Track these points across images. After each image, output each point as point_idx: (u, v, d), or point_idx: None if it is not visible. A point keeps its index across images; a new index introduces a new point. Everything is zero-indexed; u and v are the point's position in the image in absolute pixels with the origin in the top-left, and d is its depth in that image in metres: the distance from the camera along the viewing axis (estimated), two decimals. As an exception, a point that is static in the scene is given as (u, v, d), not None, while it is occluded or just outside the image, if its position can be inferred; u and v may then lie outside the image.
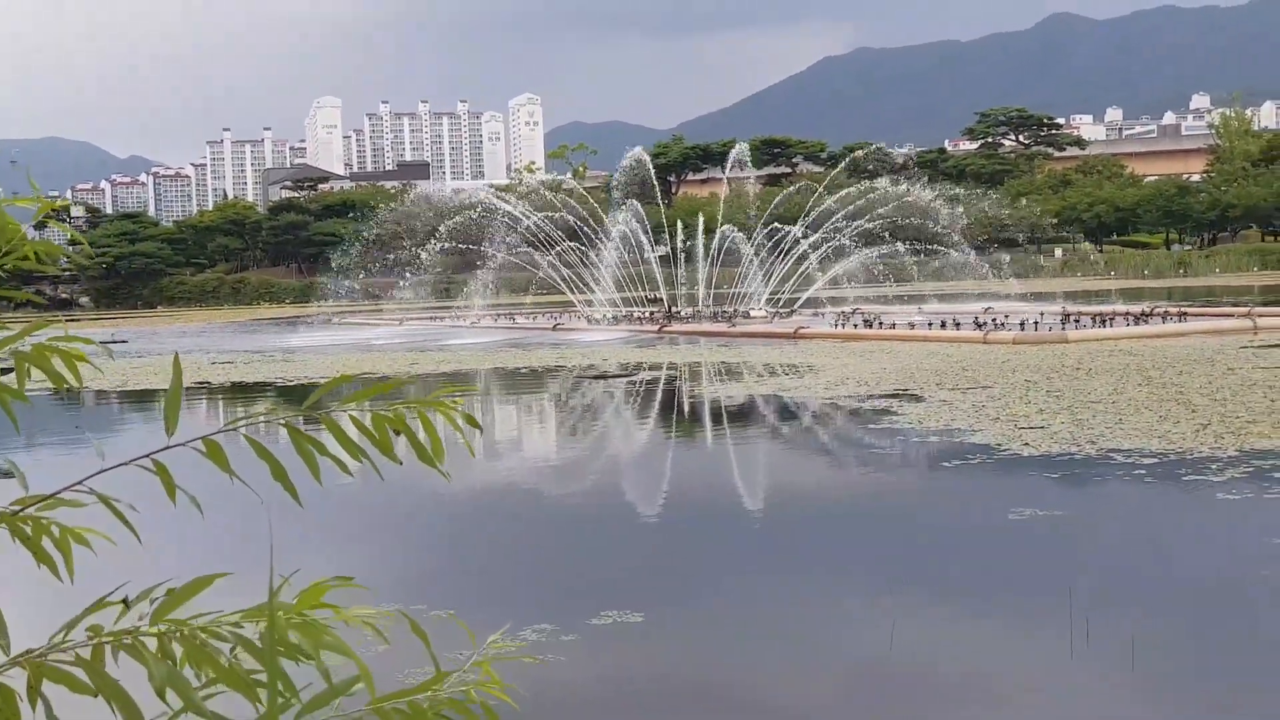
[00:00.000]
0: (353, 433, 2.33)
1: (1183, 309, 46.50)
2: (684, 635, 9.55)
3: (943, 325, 42.09)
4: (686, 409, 25.40)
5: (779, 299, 60.86)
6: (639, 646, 9.21)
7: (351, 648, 2.12)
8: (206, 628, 2.09)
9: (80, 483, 2.31)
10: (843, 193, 65.45)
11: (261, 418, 2.31)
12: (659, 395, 28.37)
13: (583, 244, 67.09)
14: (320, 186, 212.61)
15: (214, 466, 2.26)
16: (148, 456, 2.26)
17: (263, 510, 3.50)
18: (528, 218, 68.29)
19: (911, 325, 43.71)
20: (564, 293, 67.47)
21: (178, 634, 2.07)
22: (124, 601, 2.21)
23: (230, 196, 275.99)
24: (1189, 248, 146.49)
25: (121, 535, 2.43)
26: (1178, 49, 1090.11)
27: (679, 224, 68.97)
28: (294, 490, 2.32)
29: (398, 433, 2.31)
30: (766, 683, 8.51)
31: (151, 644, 2.05)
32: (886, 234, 63.99)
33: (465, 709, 2.23)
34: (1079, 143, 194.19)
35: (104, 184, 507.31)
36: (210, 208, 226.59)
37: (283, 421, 2.28)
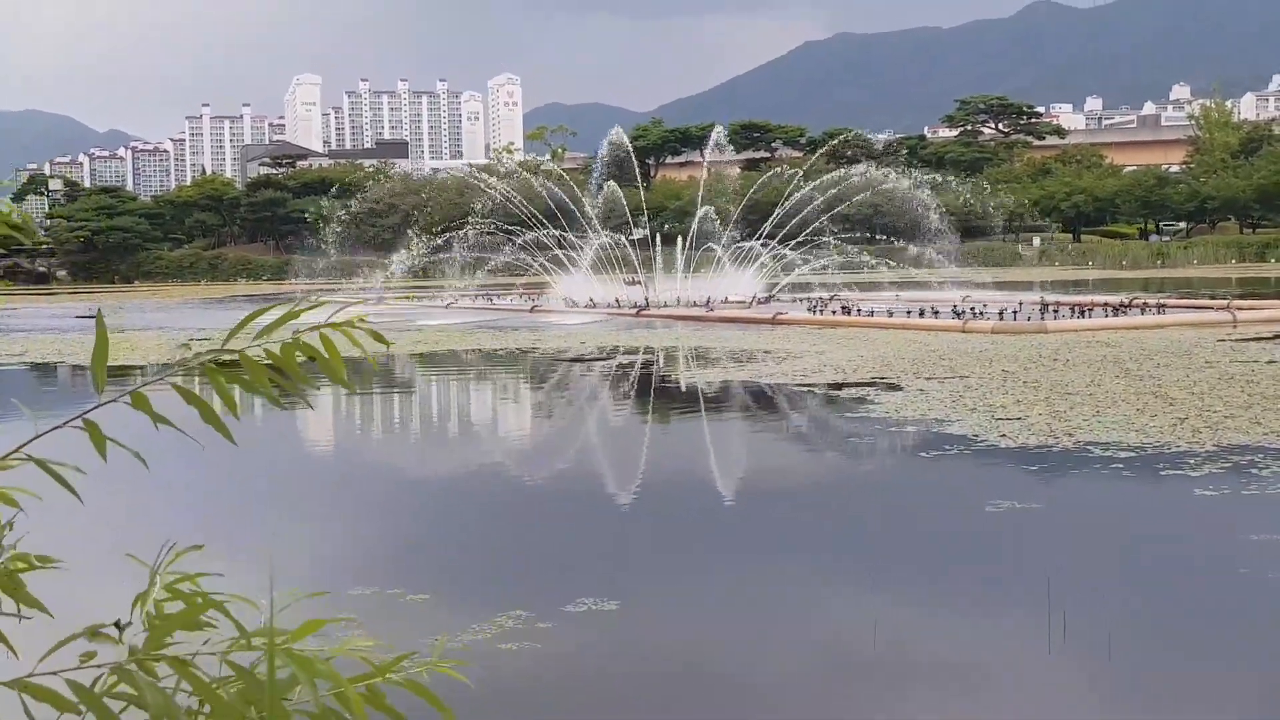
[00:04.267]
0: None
1: (1161, 300, 46.54)
2: (658, 623, 9.53)
3: (921, 314, 42.09)
4: (662, 395, 25.38)
5: (762, 283, 60.76)
6: (614, 634, 9.17)
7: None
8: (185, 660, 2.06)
9: (17, 450, 2.27)
10: (821, 179, 65.40)
11: (180, 368, 2.28)
12: (635, 380, 28.33)
13: (561, 226, 66.93)
14: (299, 164, 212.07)
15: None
16: (79, 417, 2.23)
17: (233, 477, 3.45)
18: (510, 200, 68.21)
19: (889, 313, 43.69)
20: (542, 275, 67.36)
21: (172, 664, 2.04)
22: (117, 624, 2.19)
23: (209, 172, 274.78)
24: (1167, 239, 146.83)
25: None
26: (1159, 39, 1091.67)
27: (659, 207, 68.86)
28: (227, 431, 2.30)
29: (312, 359, 2.30)
30: (741, 672, 8.48)
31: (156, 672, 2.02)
32: (867, 220, 64.05)
33: (420, 688, 2.21)
34: (1058, 132, 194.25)
35: (82, 158, 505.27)
36: (188, 183, 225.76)
37: (199, 364, 2.26)
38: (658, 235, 67.72)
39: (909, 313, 42.96)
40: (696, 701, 8.02)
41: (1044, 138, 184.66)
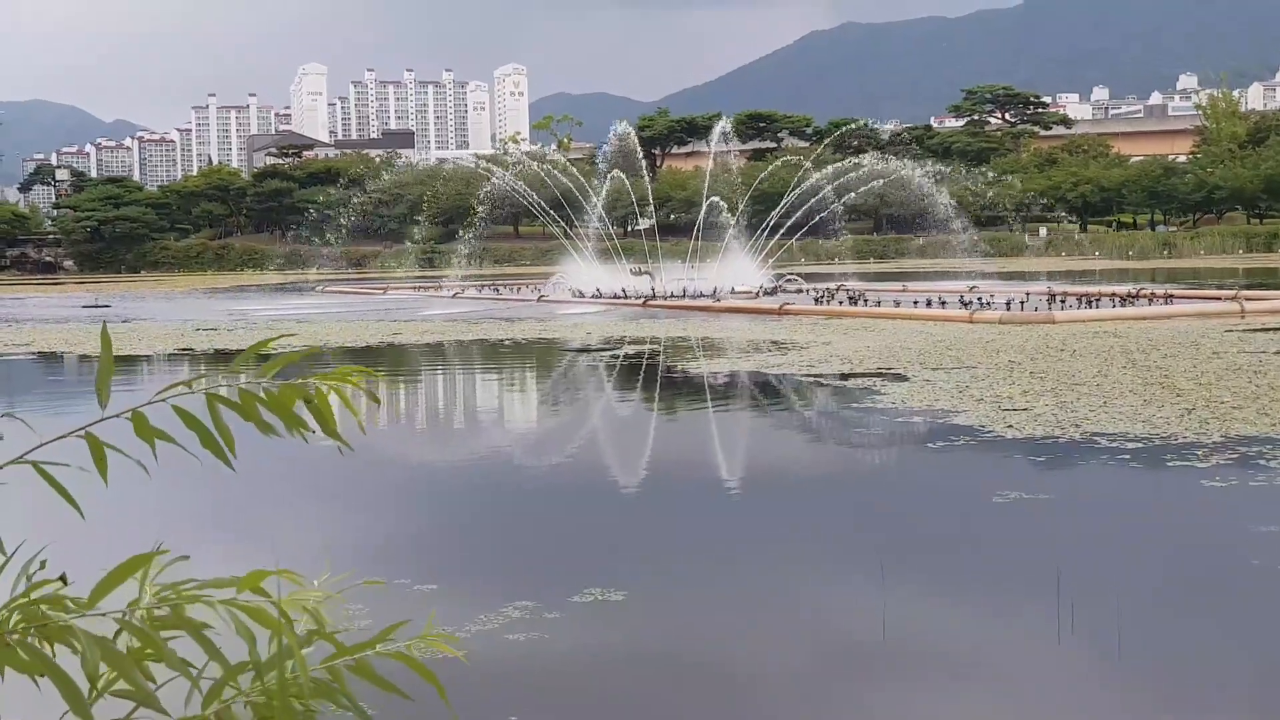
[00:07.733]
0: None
1: (1169, 291, 46.46)
2: (666, 614, 9.50)
3: (928, 304, 42.05)
4: (668, 385, 25.33)
5: (771, 274, 60.69)
6: (622, 625, 9.15)
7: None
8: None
9: (21, 458, 2.26)
10: (828, 169, 65.30)
11: (185, 389, 2.29)
12: (642, 370, 28.29)
13: (567, 216, 66.94)
14: (305, 154, 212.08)
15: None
16: (83, 429, 2.23)
17: (237, 465, 3.44)
18: (518, 192, 68.25)
19: (896, 303, 43.65)
20: (549, 265, 67.40)
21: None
22: (62, 578, 2.18)
23: (215, 162, 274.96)
24: (1174, 229, 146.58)
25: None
26: (1165, 29, 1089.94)
27: (665, 197, 68.87)
28: (225, 457, 2.31)
29: (308, 401, 2.32)
30: (749, 663, 8.45)
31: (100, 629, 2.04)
32: (874, 210, 64.06)
33: (415, 663, 2.23)
34: (1065, 121, 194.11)
35: (89, 148, 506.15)
36: (195, 173, 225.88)
37: (205, 390, 2.29)
38: (665, 224, 67.66)
39: (915, 303, 42.92)
40: (704, 691, 8.01)
41: (1050, 128, 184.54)
